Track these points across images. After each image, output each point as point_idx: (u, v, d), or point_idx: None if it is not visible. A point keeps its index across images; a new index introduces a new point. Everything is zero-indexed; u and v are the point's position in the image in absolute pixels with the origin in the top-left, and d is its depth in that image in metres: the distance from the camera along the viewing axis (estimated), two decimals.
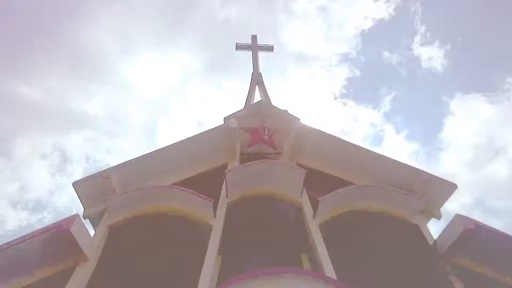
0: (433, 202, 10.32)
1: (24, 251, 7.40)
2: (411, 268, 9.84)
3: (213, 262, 8.20)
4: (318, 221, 9.34)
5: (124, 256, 10.23)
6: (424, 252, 9.17)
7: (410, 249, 9.90)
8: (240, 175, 9.74)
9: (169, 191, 9.49)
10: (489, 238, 8.14)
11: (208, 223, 9.21)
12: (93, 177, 9.93)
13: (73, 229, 7.56)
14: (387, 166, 10.77)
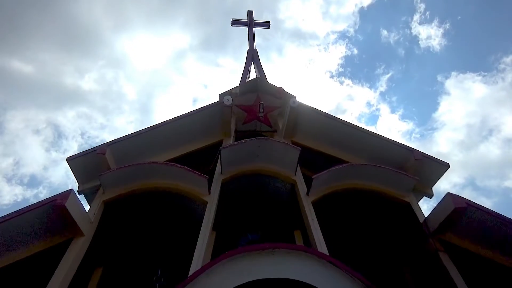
0: (426, 181, 10.46)
1: (19, 225, 7.43)
2: (402, 245, 10.06)
3: (207, 238, 8.30)
4: (312, 198, 9.44)
5: (119, 231, 10.33)
6: (415, 229, 9.34)
7: (402, 226, 10.09)
8: (235, 152, 9.75)
9: (164, 168, 9.49)
10: (480, 216, 8.26)
11: (202, 200, 9.27)
12: (88, 153, 9.89)
13: (68, 204, 7.57)
14: (381, 145, 10.83)
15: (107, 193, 9.40)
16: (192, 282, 6.04)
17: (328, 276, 6.29)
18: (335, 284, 6.24)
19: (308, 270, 6.31)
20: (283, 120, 11.79)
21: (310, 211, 9.10)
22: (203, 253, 7.89)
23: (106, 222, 9.35)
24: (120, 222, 10.35)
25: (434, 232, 8.75)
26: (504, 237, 8.22)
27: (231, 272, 6.20)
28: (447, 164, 10.41)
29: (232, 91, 11.70)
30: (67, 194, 7.69)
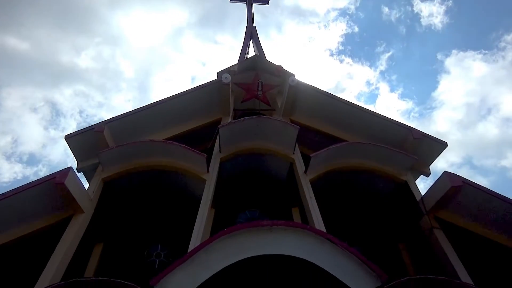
0: (423, 160, 10.50)
1: (19, 202, 7.49)
2: (398, 222, 10.20)
3: (206, 215, 8.39)
4: (310, 177, 9.50)
5: (119, 209, 10.43)
6: (411, 207, 9.45)
7: (398, 204, 10.20)
8: (233, 131, 9.74)
9: (162, 146, 9.50)
10: (476, 195, 8.34)
11: (201, 178, 9.32)
12: (86, 131, 9.87)
13: (67, 182, 7.61)
14: (379, 124, 10.82)
15: (106, 171, 9.43)
16: (191, 258, 6.14)
17: (325, 253, 6.41)
18: (332, 260, 6.36)
19: (305, 246, 6.42)
20: (282, 98, 11.74)
21: (308, 189, 9.17)
22: (202, 229, 7.99)
23: (105, 199, 9.43)
24: (120, 199, 10.44)
25: (430, 210, 8.86)
26: (499, 215, 8.32)
27: (229, 248, 6.30)
28: (445, 143, 10.44)
29: (231, 69, 11.60)
30: (66, 172, 7.72)
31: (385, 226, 10.54)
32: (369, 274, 6.27)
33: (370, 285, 6.22)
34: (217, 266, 6.12)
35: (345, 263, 6.34)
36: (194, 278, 6.03)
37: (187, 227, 8.22)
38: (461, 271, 7.86)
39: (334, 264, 6.31)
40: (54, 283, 6.44)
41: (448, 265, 8.16)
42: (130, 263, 9.18)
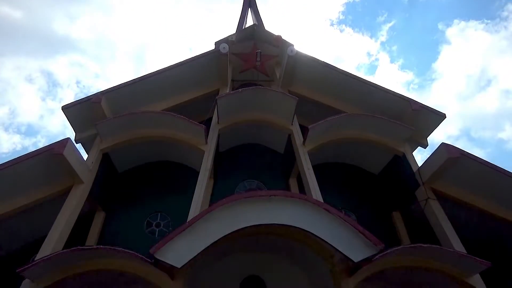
0: (421, 131, 10.53)
1: (19, 172, 7.53)
2: (394, 193, 10.34)
3: (205, 185, 8.47)
4: (308, 148, 9.53)
5: (118, 179, 10.51)
6: (408, 178, 9.55)
7: (395, 176, 10.31)
8: (231, 102, 9.68)
9: (160, 117, 9.47)
10: (473, 166, 8.42)
11: (199, 149, 9.34)
12: (83, 102, 9.78)
13: (66, 152, 7.63)
14: (379, 95, 10.76)
15: (105, 142, 9.43)
16: (191, 227, 6.25)
17: (322, 222, 6.52)
18: (329, 230, 6.48)
19: (303, 216, 6.53)
20: (281, 69, 11.60)
21: (305, 160, 9.23)
22: (201, 199, 8.09)
23: (104, 169, 9.48)
24: (118, 169, 10.51)
25: (427, 181, 8.96)
26: (495, 186, 8.43)
27: (228, 217, 6.40)
28: (444, 115, 10.43)
29: (229, 38, 11.36)
30: (64, 142, 7.72)
31: (381, 196, 10.70)
32: (365, 243, 6.41)
33: (366, 254, 6.38)
34: (216, 235, 6.23)
35: (342, 232, 6.47)
36: (193, 246, 6.16)
37: (187, 197, 8.31)
38: (454, 240, 8.05)
39: (331, 234, 6.44)
40: (56, 251, 6.59)
41: (442, 234, 8.35)
42: (131, 232, 9.32)
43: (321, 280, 8.33)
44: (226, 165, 10.75)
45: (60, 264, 6.58)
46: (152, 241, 7.23)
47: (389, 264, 7.14)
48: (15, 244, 8.93)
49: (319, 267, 8.01)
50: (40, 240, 7.37)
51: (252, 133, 11.01)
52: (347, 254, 6.33)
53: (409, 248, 7.24)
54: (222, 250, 8.15)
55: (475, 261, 7.02)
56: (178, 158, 10.64)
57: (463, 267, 7.24)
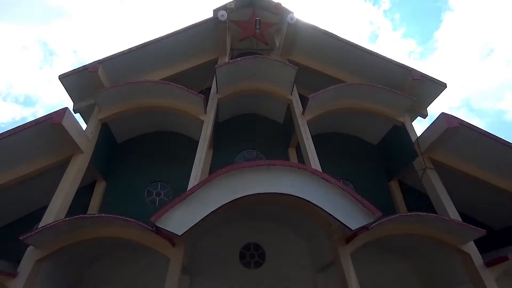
0: (421, 101, 10.46)
1: (18, 142, 7.52)
2: (393, 163, 10.41)
3: (204, 155, 8.49)
4: (307, 118, 9.51)
5: (118, 149, 10.55)
6: (407, 148, 9.58)
7: (394, 145, 10.35)
8: (230, 71, 9.56)
9: (159, 87, 9.36)
10: (472, 136, 8.41)
11: (199, 118, 9.31)
12: (80, 71, 9.63)
13: (64, 122, 7.60)
14: (379, 64, 10.60)
15: (103, 112, 9.39)
16: (190, 195, 6.32)
17: (320, 191, 6.60)
18: (328, 199, 6.56)
19: (302, 185, 6.59)
20: (280, 37, 11.37)
21: (305, 130, 9.23)
22: (201, 169, 8.14)
23: (104, 139, 9.49)
24: (118, 139, 10.52)
25: (425, 151, 8.99)
26: (494, 157, 8.46)
27: (228, 186, 6.46)
28: (444, 84, 10.33)
29: (227, 5, 11.06)
30: (62, 112, 7.67)
31: (379, 166, 10.79)
32: (362, 212, 6.52)
33: (363, 222, 6.49)
34: (216, 204, 6.31)
35: (340, 201, 6.56)
36: (193, 215, 6.25)
37: (186, 167, 8.36)
38: (450, 209, 8.18)
39: (329, 202, 6.53)
40: (59, 219, 6.69)
41: (439, 203, 8.48)
42: (132, 201, 9.45)
43: (319, 248, 8.54)
44: (225, 135, 10.76)
45: (63, 232, 6.71)
46: (153, 210, 7.33)
47: (386, 232, 7.28)
48: (18, 213, 9.07)
49: (317, 235, 8.19)
50: (43, 209, 7.49)
51: (251, 103, 10.95)
52: (345, 222, 6.44)
53: (406, 217, 7.36)
54: (222, 218, 8.30)
55: (470, 229, 7.17)
56: (177, 128, 10.64)
57: (458, 235, 7.39)
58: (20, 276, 6.40)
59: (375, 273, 8.63)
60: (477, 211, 9.55)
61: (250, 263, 9.26)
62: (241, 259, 9.26)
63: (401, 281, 9.05)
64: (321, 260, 8.53)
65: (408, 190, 10.16)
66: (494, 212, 9.46)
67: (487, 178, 8.79)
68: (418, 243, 8.13)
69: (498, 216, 9.50)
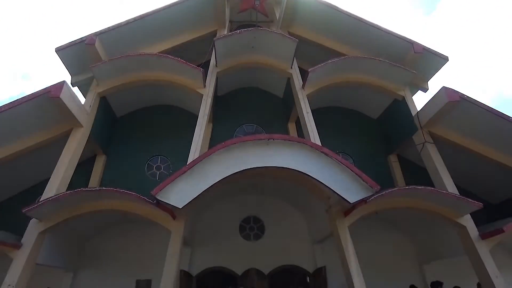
0: (423, 74, 10.37)
1: (17, 116, 7.49)
2: (393, 137, 10.42)
3: (204, 129, 8.49)
4: (307, 92, 9.44)
5: (117, 123, 10.53)
6: (406, 122, 9.57)
7: (394, 120, 10.32)
8: (230, 44, 9.40)
9: (157, 60, 9.23)
10: (472, 110, 8.37)
11: (198, 92, 9.25)
12: (76, 43, 9.46)
13: (63, 96, 7.55)
14: (381, 37, 10.42)
15: (101, 85, 9.31)
16: (190, 169, 6.37)
17: (320, 165, 6.64)
18: (327, 172, 6.62)
19: (301, 159, 6.63)
20: (280, 9, 11.13)
21: (305, 104, 9.18)
22: (200, 143, 8.15)
23: (103, 113, 9.46)
24: (117, 112, 10.48)
25: (425, 125, 8.98)
26: (494, 131, 8.45)
27: (227, 160, 6.50)
28: (446, 57, 10.21)
29: None
30: (60, 85, 7.60)
31: (378, 140, 10.80)
32: (361, 185, 6.59)
33: (362, 195, 6.57)
34: (216, 177, 6.36)
35: (339, 175, 6.61)
36: (193, 188, 6.32)
37: (186, 140, 8.37)
38: (448, 182, 8.26)
39: (328, 176, 6.58)
40: (61, 192, 6.76)
41: (437, 177, 8.55)
42: (132, 175, 9.51)
43: (317, 220, 8.68)
44: (224, 109, 10.71)
45: (65, 205, 6.79)
46: (153, 183, 7.38)
47: (383, 205, 7.38)
48: (21, 186, 9.16)
49: (316, 208, 8.30)
50: (45, 182, 7.54)
51: (251, 76, 10.84)
52: (344, 195, 6.51)
53: (404, 190, 7.44)
54: (222, 191, 8.39)
55: (467, 203, 7.26)
56: (176, 102, 10.58)
57: (456, 208, 7.49)
58: (24, 247, 6.53)
59: (371, 245, 8.81)
60: (475, 185, 9.65)
61: (249, 235, 9.43)
62: (241, 232, 9.43)
63: (397, 252, 9.25)
64: (319, 232, 8.69)
65: (407, 164, 10.22)
66: (492, 186, 9.56)
67: (486, 152, 8.82)
68: (415, 216, 8.25)
69: (495, 190, 9.60)
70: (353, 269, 6.62)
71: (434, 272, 8.78)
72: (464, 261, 7.90)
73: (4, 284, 6.16)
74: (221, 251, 9.05)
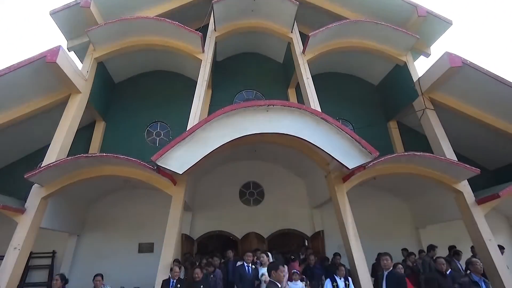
0: (425, 39, 10.17)
1: (13, 81, 7.37)
2: (393, 104, 10.36)
3: (203, 95, 8.41)
4: (308, 57, 9.29)
5: (116, 89, 10.43)
6: (408, 89, 9.48)
7: (395, 86, 10.22)
8: (228, 7, 9.13)
9: (154, 23, 8.99)
10: (475, 76, 8.24)
11: (196, 57, 9.09)
12: (71, 6, 9.16)
13: (59, 61, 7.41)
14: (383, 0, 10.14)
15: (98, 50, 9.12)
16: (190, 135, 6.37)
17: (320, 131, 6.64)
18: (326, 139, 6.63)
19: (301, 125, 6.62)
20: None
21: (305, 70, 9.06)
22: (200, 109, 8.10)
23: (100, 78, 9.34)
24: (114, 77, 10.36)
25: (426, 91, 8.91)
26: (496, 98, 8.35)
27: (227, 126, 6.49)
28: (450, 21, 9.97)
29: None
30: (56, 50, 7.44)
31: (379, 107, 10.75)
32: (360, 151, 6.62)
33: (361, 161, 6.61)
34: (216, 143, 6.38)
35: (338, 141, 6.63)
36: (193, 154, 6.35)
37: (185, 107, 8.32)
38: (447, 149, 8.31)
39: (328, 142, 6.60)
40: (62, 158, 6.79)
41: (436, 143, 8.58)
42: (132, 141, 9.53)
43: (316, 186, 8.79)
44: (224, 75, 10.59)
45: (66, 171, 6.85)
46: (153, 150, 7.42)
47: (382, 171, 7.46)
48: (23, 152, 9.21)
49: (315, 174, 8.39)
50: (46, 148, 7.56)
51: (251, 41, 10.63)
52: (343, 161, 6.56)
53: (403, 156, 7.48)
54: (222, 157, 8.44)
55: (465, 169, 7.33)
56: (175, 67, 10.42)
57: (453, 174, 7.58)
58: (28, 212, 6.64)
59: (369, 210, 9.01)
60: (472, 151, 9.71)
61: (249, 200, 9.59)
62: (240, 197, 9.58)
63: (393, 217, 9.46)
64: (318, 197, 8.82)
65: (406, 130, 10.23)
66: (490, 152, 9.62)
67: (486, 119, 8.79)
68: (412, 181, 8.35)
69: (494, 156, 9.67)
70: (350, 233, 6.78)
71: (429, 236, 9.02)
72: (458, 226, 8.10)
73: (11, 246, 6.34)
74: (222, 216, 9.23)
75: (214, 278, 5.88)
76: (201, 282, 5.66)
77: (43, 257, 8.47)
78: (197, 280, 5.65)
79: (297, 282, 5.91)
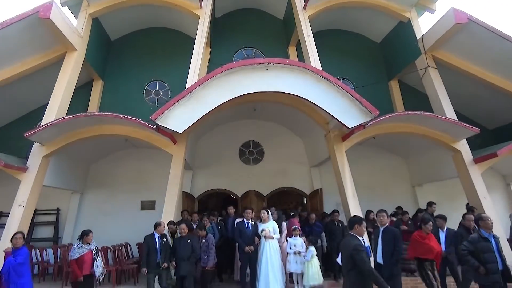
0: None
1: (6, 38, 7.18)
2: (395, 62, 10.16)
3: (202, 52, 8.24)
4: (309, 13, 8.99)
5: (112, 46, 10.21)
6: (411, 46, 9.26)
7: (398, 44, 9.98)
8: None
9: None
10: (480, 34, 8.00)
11: (194, 13, 8.81)
12: None
13: (53, 16, 7.18)
14: None
15: (92, 6, 8.81)
16: (189, 94, 6.30)
17: (320, 90, 6.56)
18: (327, 98, 6.55)
19: (301, 84, 6.52)
20: None
21: (306, 27, 8.80)
22: (198, 67, 7.97)
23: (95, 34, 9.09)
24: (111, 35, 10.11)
25: (429, 49, 8.71)
26: (500, 56, 8.13)
27: (226, 85, 6.40)
28: None
29: None
30: (49, 5, 7.19)
31: (381, 65, 10.56)
32: (361, 110, 6.57)
33: (361, 120, 6.58)
34: (215, 102, 6.33)
35: (338, 99, 6.56)
36: (193, 113, 6.32)
37: (184, 65, 8.19)
38: (447, 108, 8.27)
39: (328, 101, 6.54)
40: (61, 117, 6.77)
41: (436, 102, 8.53)
42: (131, 100, 9.47)
43: (315, 145, 8.83)
44: (222, 32, 10.32)
45: (66, 130, 6.85)
46: (152, 109, 7.38)
47: (382, 130, 7.46)
48: (22, 111, 9.17)
49: (314, 133, 8.39)
50: (44, 107, 7.52)
51: None
52: (343, 120, 6.53)
53: (403, 115, 7.43)
54: (221, 116, 8.40)
55: (464, 128, 7.32)
56: (172, 24, 10.14)
57: (453, 133, 7.59)
58: (30, 170, 6.73)
59: (367, 168, 9.12)
60: (471, 110, 9.68)
61: (249, 159, 9.67)
62: (240, 156, 9.65)
63: (391, 175, 9.59)
64: (317, 156, 8.88)
65: (407, 89, 10.12)
66: (489, 112, 9.58)
67: (488, 77, 8.66)
68: (410, 140, 8.38)
69: (494, 115, 9.65)
70: (348, 191, 6.90)
71: (425, 194, 9.18)
72: (454, 184, 8.22)
73: (16, 203, 6.48)
74: (222, 174, 9.35)
75: (206, 242, 5.81)
76: (187, 237, 5.60)
77: (48, 213, 8.69)
78: (184, 236, 5.60)
79: (296, 237, 6.08)
